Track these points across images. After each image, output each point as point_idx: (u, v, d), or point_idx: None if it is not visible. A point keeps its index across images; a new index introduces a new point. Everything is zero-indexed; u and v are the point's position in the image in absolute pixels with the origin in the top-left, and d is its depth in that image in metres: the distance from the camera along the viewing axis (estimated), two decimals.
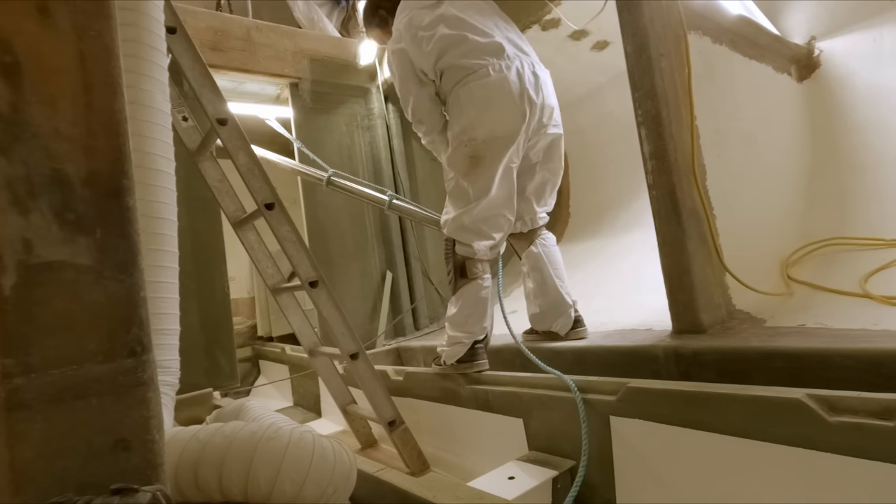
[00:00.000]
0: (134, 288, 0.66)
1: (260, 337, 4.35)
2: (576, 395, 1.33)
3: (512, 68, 1.63)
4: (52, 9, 0.63)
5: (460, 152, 1.67)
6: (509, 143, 1.64)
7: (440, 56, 1.67)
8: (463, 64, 1.65)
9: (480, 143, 1.64)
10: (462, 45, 1.65)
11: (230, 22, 2.78)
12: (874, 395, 0.88)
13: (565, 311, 1.81)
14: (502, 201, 1.68)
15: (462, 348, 1.71)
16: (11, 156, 0.60)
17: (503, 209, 1.69)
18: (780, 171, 2.06)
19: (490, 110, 1.63)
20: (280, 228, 1.63)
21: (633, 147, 1.62)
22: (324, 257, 2.86)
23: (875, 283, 1.54)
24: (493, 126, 1.63)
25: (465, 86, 1.65)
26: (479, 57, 1.64)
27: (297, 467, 1.08)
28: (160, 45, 1.50)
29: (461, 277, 1.71)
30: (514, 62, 1.65)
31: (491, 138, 1.63)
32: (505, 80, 1.62)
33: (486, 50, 1.65)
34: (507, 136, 1.63)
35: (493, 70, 1.62)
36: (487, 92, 1.62)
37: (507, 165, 1.67)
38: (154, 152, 1.45)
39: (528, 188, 1.84)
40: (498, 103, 1.63)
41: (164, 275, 1.45)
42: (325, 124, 3.06)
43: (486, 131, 1.63)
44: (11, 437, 0.57)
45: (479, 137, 1.63)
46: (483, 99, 1.63)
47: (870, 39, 2.15)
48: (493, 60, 1.63)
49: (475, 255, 1.69)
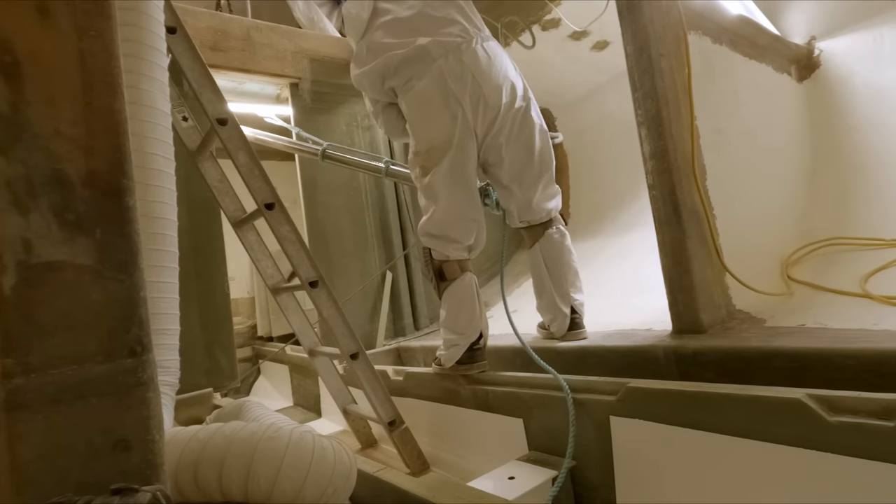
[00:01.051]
0: (134, 288, 0.66)
1: (260, 337, 4.35)
2: (567, 396, 1.34)
3: (432, 69, 1.61)
4: (52, 9, 0.63)
5: (413, 164, 1.74)
6: (447, 149, 1.63)
7: (383, 80, 1.72)
8: (395, 84, 1.70)
9: (424, 155, 1.68)
10: (390, 64, 1.67)
11: (230, 22, 2.78)
12: (874, 395, 0.88)
13: (558, 314, 1.80)
14: (459, 206, 1.67)
15: (459, 350, 1.70)
16: (11, 156, 0.60)
17: (465, 213, 1.69)
18: (780, 171, 2.06)
19: (420, 123, 1.68)
20: (280, 228, 1.63)
21: (633, 147, 1.62)
22: (324, 257, 2.86)
23: (875, 283, 1.54)
24: (427, 136, 1.67)
25: (402, 103, 1.72)
26: (404, 72, 1.66)
27: (297, 467, 1.08)
28: (160, 45, 1.50)
29: (441, 280, 1.72)
30: (436, 61, 1.61)
31: (429, 148, 1.66)
32: (426, 89, 1.63)
33: (409, 60, 1.64)
34: (443, 142, 1.63)
35: (417, 78, 1.64)
36: (414, 105, 1.67)
37: (456, 169, 1.65)
38: (154, 152, 1.45)
39: (502, 176, 1.75)
40: (423, 114, 1.66)
41: (164, 275, 1.45)
42: (325, 124, 3.05)
43: (424, 143, 1.68)
44: (11, 437, 0.57)
45: (420, 150, 1.69)
46: (412, 113, 1.69)
47: (870, 39, 2.15)
48: (417, 67, 1.63)
49: (449, 258, 1.70)
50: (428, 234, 1.72)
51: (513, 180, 1.76)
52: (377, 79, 1.73)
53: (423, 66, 1.63)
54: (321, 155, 2.53)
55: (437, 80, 1.61)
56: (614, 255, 2.65)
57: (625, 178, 2.95)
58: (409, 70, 1.65)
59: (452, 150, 1.63)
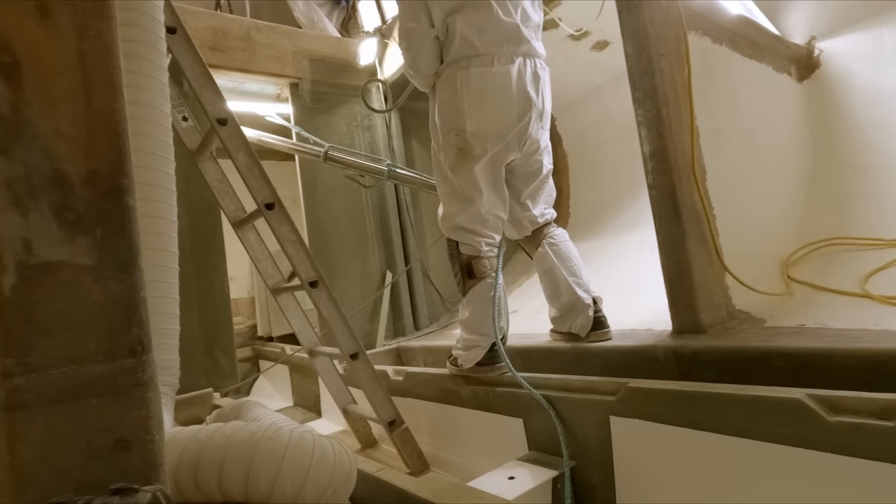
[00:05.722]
0: (134, 288, 0.66)
1: (260, 337, 4.35)
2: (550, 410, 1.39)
3: (516, 62, 1.53)
4: (52, 9, 0.63)
5: (449, 141, 1.58)
6: (499, 141, 1.56)
7: (453, 11, 1.54)
8: (471, 41, 1.53)
9: (469, 136, 1.55)
10: (480, 12, 1.52)
11: (230, 22, 2.78)
12: (874, 395, 0.88)
13: (583, 311, 1.70)
14: (494, 202, 1.63)
15: (480, 352, 1.64)
16: (11, 156, 0.60)
17: (497, 209, 1.65)
18: (780, 171, 2.06)
19: (484, 104, 1.54)
20: (280, 228, 1.63)
21: (633, 147, 1.62)
22: (324, 257, 2.86)
23: (875, 283, 1.54)
24: (485, 121, 1.54)
25: (465, 70, 1.54)
26: (491, 39, 1.53)
27: (297, 467, 1.08)
28: (160, 45, 1.50)
29: (469, 278, 1.63)
30: (521, 55, 1.55)
31: (481, 133, 1.54)
32: (507, 75, 1.52)
33: (501, 32, 1.53)
34: (499, 133, 1.55)
35: (498, 61, 1.52)
36: (486, 83, 1.53)
37: (496, 164, 1.60)
38: (154, 152, 1.45)
39: (524, 192, 1.75)
40: (494, 98, 1.53)
41: (164, 275, 1.45)
42: (325, 124, 3.05)
43: (477, 125, 1.54)
44: (11, 437, 0.57)
45: (468, 129, 1.54)
46: (479, 90, 1.53)
47: (870, 39, 2.15)
48: (504, 48, 1.53)
49: (480, 254, 1.63)
50: (457, 226, 1.63)
51: (529, 197, 1.76)
52: (448, 3, 1.53)
53: (509, 50, 1.54)
54: (323, 157, 2.53)
55: (517, 73, 1.54)
56: (614, 255, 2.65)
57: (624, 178, 2.95)
58: (492, 45, 1.52)
59: (503, 144, 1.57)
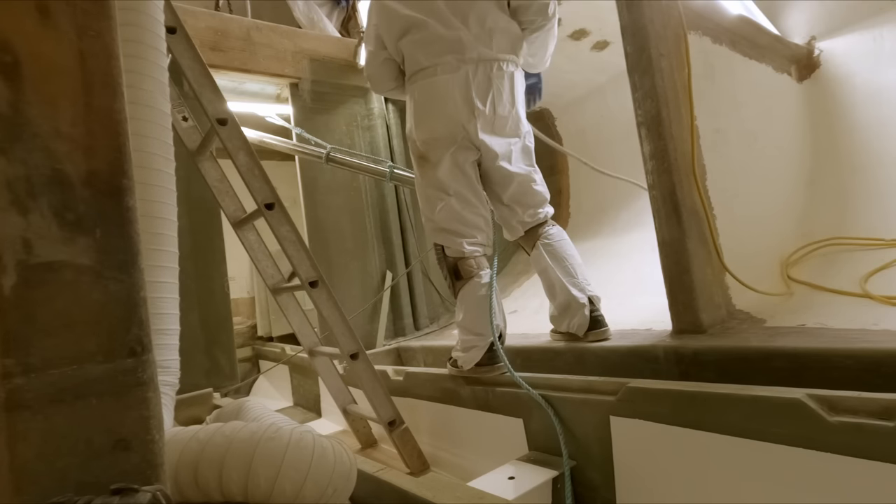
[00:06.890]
0: (134, 288, 0.66)
1: (260, 337, 4.35)
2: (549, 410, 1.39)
3: (461, 70, 1.59)
4: (52, 9, 0.63)
5: (412, 150, 1.72)
6: (451, 144, 1.62)
7: (401, 36, 1.65)
8: (416, 58, 1.64)
9: (421, 145, 1.67)
10: (421, 31, 1.61)
11: (230, 22, 2.78)
12: (874, 395, 0.88)
13: (578, 310, 1.70)
14: (469, 200, 1.66)
15: (479, 352, 1.64)
16: (11, 156, 0.60)
17: (473, 208, 1.67)
18: (780, 170, 2.06)
19: (430, 112, 1.64)
20: (280, 228, 1.63)
21: (633, 147, 1.62)
22: (324, 257, 2.86)
23: (875, 283, 1.54)
24: (433, 128, 1.64)
25: (414, 84, 1.67)
26: (434, 52, 1.60)
27: (297, 467, 1.08)
28: (160, 45, 1.50)
29: (457, 279, 1.67)
30: (470, 62, 1.59)
31: (431, 139, 1.65)
32: (450, 83, 1.59)
33: (445, 44, 1.59)
34: (449, 136, 1.62)
35: (442, 70, 1.60)
36: (430, 93, 1.63)
37: (461, 164, 1.65)
38: (154, 152, 1.45)
39: (503, 196, 1.76)
40: (440, 105, 1.61)
41: (164, 275, 1.45)
42: (325, 124, 3.05)
43: (426, 132, 1.65)
44: (11, 437, 0.57)
45: (419, 138, 1.67)
46: (425, 100, 1.65)
47: (870, 39, 2.15)
48: (448, 58, 1.59)
49: (465, 254, 1.65)
50: (436, 227, 1.69)
51: (513, 201, 1.77)
52: (395, 31, 1.65)
53: (453, 58, 1.59)
54: (325, 158, 2.53)
55: (463, 79, 1.59)
56: (614, 255, 2.65)
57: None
58: (435, 58, 1.60)
59: (455, 146, 1.63)
